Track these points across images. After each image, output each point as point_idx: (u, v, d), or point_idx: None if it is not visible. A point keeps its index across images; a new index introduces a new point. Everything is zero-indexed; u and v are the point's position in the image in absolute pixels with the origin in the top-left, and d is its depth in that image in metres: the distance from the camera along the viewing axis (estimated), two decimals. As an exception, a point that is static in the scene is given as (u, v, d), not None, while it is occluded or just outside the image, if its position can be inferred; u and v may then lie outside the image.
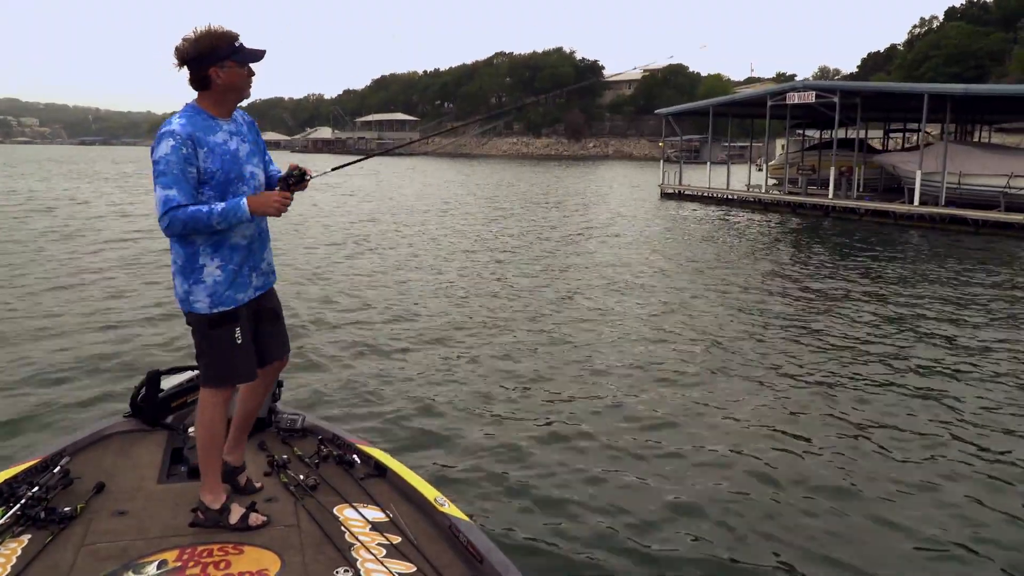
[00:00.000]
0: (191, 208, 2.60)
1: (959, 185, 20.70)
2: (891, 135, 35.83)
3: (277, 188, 2.82)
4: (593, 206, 27.18)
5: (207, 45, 2.66)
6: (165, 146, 2.58)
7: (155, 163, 2.61)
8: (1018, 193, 19.19)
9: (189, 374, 3.86)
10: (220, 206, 2.63)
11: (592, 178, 48.68)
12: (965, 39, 62.14)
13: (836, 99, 23.27)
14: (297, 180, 2.80)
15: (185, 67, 2.70)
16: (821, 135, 34.17)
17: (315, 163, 3.67)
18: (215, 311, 2.76)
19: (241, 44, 2.72)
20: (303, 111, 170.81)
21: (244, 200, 2.66)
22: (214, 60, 2.67)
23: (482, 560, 2.51)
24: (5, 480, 2.97)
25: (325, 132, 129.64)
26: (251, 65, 2.78)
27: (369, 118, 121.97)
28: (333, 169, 3.28)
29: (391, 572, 2.49)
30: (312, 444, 3.50)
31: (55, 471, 3.05)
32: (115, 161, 70.02)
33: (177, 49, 2.67)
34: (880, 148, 32.73)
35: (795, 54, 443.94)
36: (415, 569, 2.52)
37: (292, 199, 2.79)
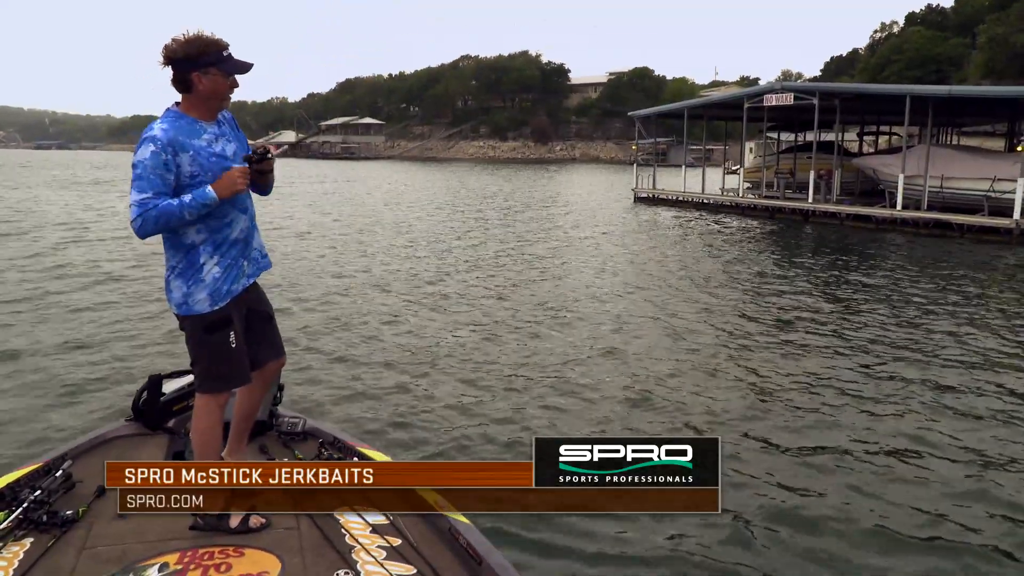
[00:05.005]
0: (161, 204, 2.60)
1: (942, 189, 20.43)
2: (864, 138, 35.71)
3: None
4: (567, 210, 26.71)
5: (195, 49, 2.66)
6: (145, 151, 2.62)
7: (133, 167, 2.63)
8: (1002, 197, 18.93)
9: (190, 378, 3.74)
10: (188, 197, 2.63)
11: (562, 181, 48.43)
12: (925, 44, 63.02)
13: (815, 101, 22.92)
14: (259, 159, 2.82)
15: (169, 67, 2.69)
16: (796, 138, 33.96)
17: (280, 168, 3.32)
18: (216, 308, 2.77)
19: (229, 54, 2.73)
20: (267, 115, 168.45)
21: (209, 186, 2.66)
22: (199, 65, 2.68)
23: (481, 562, 2.53)
24: (7, 484, 2.97)
25: (289, 136, 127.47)
26: (237, 76, 2.77)
27: (333, 121, 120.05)
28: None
29: (391, 574, 2.51)
30: (313, 447, 3.52)
31: (57, 475, 3.06)
32: (96, 166, 66.74)
33: (165, 47, 2.66)
34: (854, 151, 32.60)
35: (758, 58, 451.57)
36: (415, 571, 2.53)
37: (251, 172, 2.80)
